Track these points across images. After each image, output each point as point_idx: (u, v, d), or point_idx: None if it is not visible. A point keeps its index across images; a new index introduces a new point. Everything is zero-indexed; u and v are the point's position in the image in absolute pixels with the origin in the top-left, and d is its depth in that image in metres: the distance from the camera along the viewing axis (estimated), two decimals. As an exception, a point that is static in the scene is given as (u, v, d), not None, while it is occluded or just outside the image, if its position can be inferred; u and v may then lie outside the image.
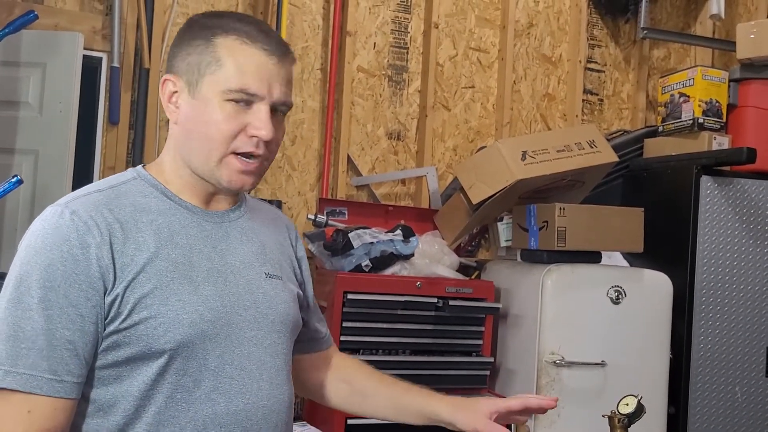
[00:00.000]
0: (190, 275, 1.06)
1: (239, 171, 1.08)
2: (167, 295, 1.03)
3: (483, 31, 2.99)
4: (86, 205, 1.04)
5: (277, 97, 1.09)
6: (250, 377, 1.10)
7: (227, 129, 1.06)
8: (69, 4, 2.48)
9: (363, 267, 2.30)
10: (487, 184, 2.42)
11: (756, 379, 2.57)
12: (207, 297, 1.06)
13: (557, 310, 2.31)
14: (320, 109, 2.75)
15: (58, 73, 2.35)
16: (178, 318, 1.03)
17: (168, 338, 1.02)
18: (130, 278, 1.02)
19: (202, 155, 1.08)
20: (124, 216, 1.05)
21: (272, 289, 1.16)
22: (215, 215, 1.15)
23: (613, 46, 3.20)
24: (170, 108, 1.11)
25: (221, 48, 1.07)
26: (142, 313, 1.01)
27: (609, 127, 3.17)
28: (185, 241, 1.09)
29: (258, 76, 1.07)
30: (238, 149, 1.07)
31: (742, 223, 2.58)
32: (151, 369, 1.02)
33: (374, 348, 2.26)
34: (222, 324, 1.07)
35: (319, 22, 2.76)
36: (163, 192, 1.11)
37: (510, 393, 2.40)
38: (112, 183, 1.11)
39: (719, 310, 2.55)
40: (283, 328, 1.17)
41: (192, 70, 1.08)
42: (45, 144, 2.34)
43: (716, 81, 2.77)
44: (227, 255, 1.13)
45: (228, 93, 1.06)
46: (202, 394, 1.05)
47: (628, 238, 2.44)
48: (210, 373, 1.06)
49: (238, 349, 1.09)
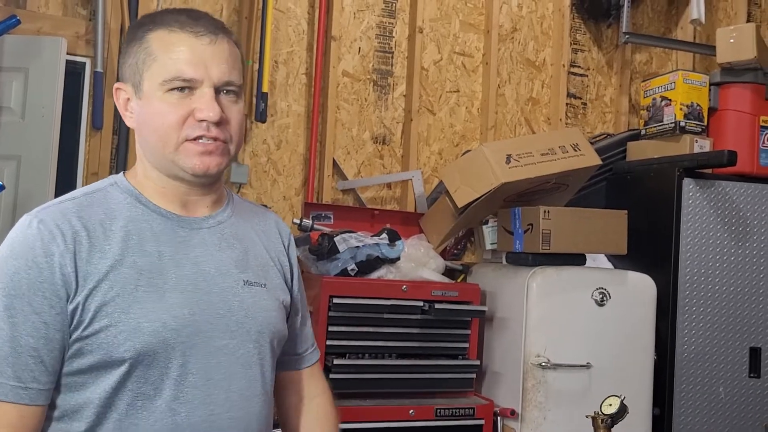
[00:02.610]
0: (157, 283, 1.04)
1: (198, 153, 1.07)
2: (130, 303, 1.01)
3: (467, 36, 3.01)
4: (54, 213, 1.04)
5: (217, 77, 1.07)
6: (217, 388, 1.07)
7: (173, 118, 1.05)
8: (52, 9, 2.47)
9: (349, 271, 2.30)
10: (473, 188, 2.44)
11: (739, 379, 2.60)
12: (173, 305, 1.04)
13: (542, 312, 2.32)
14: (305, 113, 2.75)
15: (40, 78, 2.34)
16: (139, 326, 1.01)
17: (127, 347, 1.00)
18: (92, 286, 1.01)
19: (158, 150, 1.08)
20: (92, 224, 1.05)
21: (251, 297, 1.13)
22: (192, 221, 1.12)
23: (596, 51, 3.23)
24: (126, 115, 1.12)
25: (152, 42, 1.08)
26: (102, 321, 1.00)
27: (592, 130, 3.20)
28: (155, 248, 1.07)
29: (191, 60, 1.06)
30: (189, 135, 1.06)
31: (724, 224, 2.61)
32: (112, 377, 1.01)
33: (360, 352, 2.26)
34: (188, 333, 1.05)
35: (304, 26, 2.76)
36: (137, 198, 1.10)
37: (496, 396, 2.41)
38: (88, 190, 1.11)
39: (702, 311, 2.58)
40: (260, 338, 1.13)
41: (133, 72, 1.09)
42: (27, 149, 2.32)
43: (697, 85, 2.80)
44: (201, 262, 1.10)
45: (166, 83, 1.05)
46: (162, 404, 1.03)
47: (612, 241, 2.46)
48: (172, 382, 1.04)
49: (205, 359, 1.06)
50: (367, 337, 2.26)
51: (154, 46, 1.07)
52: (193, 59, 1.06)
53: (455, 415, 2.27)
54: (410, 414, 2.21)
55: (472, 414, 2.29)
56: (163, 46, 1.06)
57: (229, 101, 1.09)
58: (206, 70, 1.06)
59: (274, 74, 2.68)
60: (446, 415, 2.26)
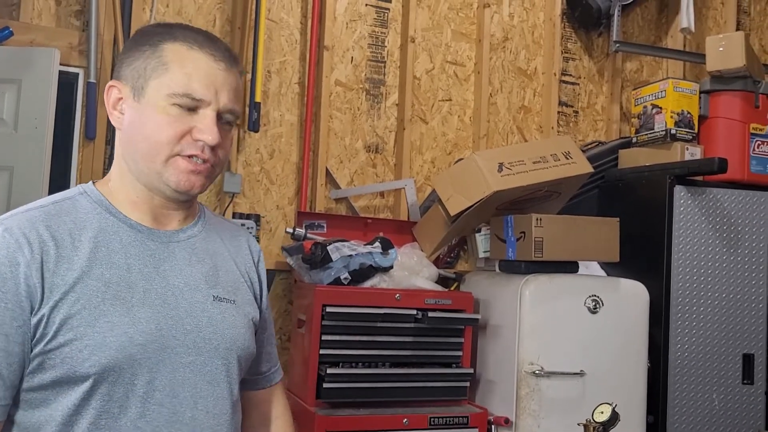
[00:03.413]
0: (124, 296, 1.02)
1: (188, 171, 1.06)
2: (96, 317, 0.98)
3: (459, 45, 3.02)
4: (21, 222, 1.01)
5: (223, 103, 1.07)
6: (183, 405, 1.05)
7: (172, 132, 1.04)
8: (45, 20, 2.47)
9: (342, 280, 2.30)
10: (465, 196, 2.44)
11: (732, 386, 2.60)
12: (140, 319, 1.02)
13: (535, 320, 2.33)
14: (298, 122, 2.76)
15: (33, 88, 2.34)
16: (105, 341, 0.98)
17: (93, 362, 0.97)
18: (58, 298, 0.98)
19: (147, 158, 1.05)
20: (61, 233, 1.02)
21: (220, 313, 1.11)
22: (162, 234, 1.11)
23: (587, 59, 3.25)
24: (114, 114, 1.10)
25: (168, 52, 1.06)
26: (67, 335, 0.97)
27: (584, 138, 3.21)
28: (123, 260, 1.04)
29: (205, 81, 1.06)
30: (183, 151, 1.05)
31: (715, 231, 2.63)
32: (76, 393, 0.98)
33: (354, 361, 2.25)
34: (155, 348, 1.02)
35: (296, 36, 2.77)
36: (107, 209, 1.08)
37: (490, 404, 2.40)
38: (56, 199, 1.08)
39: (695, 317, 2.59)
40: (228, 355, 1.11)
41: (138, 74, 1.07)
42: (20, 160, 2.32)
43: (687, 93, 2.82)
44: (170, 276, 1.08)
45: (173, 97, 1.04)
46: (127, 422, 1.00)
47: (604, 248, 2.47)
48: (137, 400, 1.01)
49: (171, 375, 1.04)
50: (361, 346, 2.26)
51: (169, 57, 1.06)
52: (206, 80, 1.06)
53: (449, 423, 2.27)
54: (404, 423, 2.21)
55: (466, 422, 2.29)
56: (179, 60, 1.06)
57: (225, 128, 1.10)
58: (216, 93, 1.06)
59: (267, 84, 2.69)
60: (440, 423, 2.26)
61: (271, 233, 2.70)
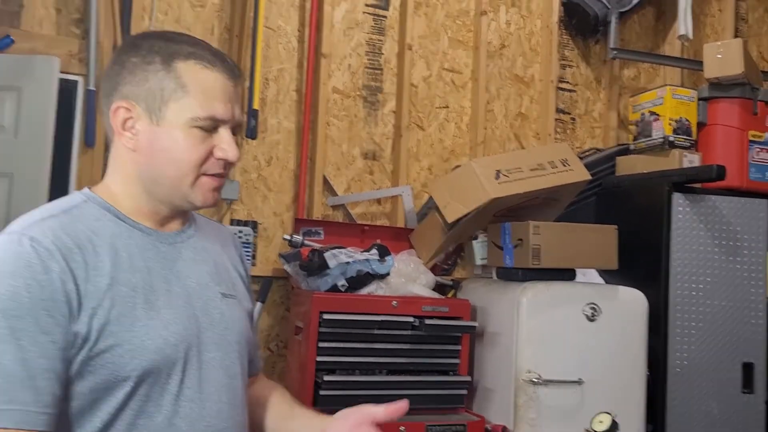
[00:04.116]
0: (151, 299, 1.05)
1: (212, 188, 1.10)
2: (131, 321, 1.01)
3: (456, 53, 3.03)
4: (44, 231, 1.00)
5: (237, 118, 1.11)
6: (210, 400, 1.08)
7: (197, 155, 1.07)
8: (45, 28, 2.49)
9: (339, 287, 2.30)
10: (462, 203, 2.44)
11: (732, 395, 2.59)
12: (169, 321, 1.05)
13: (533, 327, 2.32)
14: (296, 130, 2.76)
15: (33, 96, 2.35)
16: (143, 344, 1.01)
17: (134, 365, 1.00)
18: (94, 305, 0.99)
19: (173, 181, 1.08)
20: (81, 241, 1.02)
21: (228, 309, 1.16)
22: (168, 236, 1.13)
23: (584, 66, 3.25)
24: (126, 135, 1.08)
25: (183, 73, 1.07)
26: (107, 341, 0.99)
27: (581, 145, 3.21)
28: (143, 264, 1.07)
29: (222, 100, 1.08)
30: (208, 171, 1.09)
31: (714, 239, 2.62)
32: (116, 397, 1.00)
33: (350, 368, 2.25)
34: (184, 347, 1.06)
35: (294, 44, 2.78)
36: (116, 215, 1.09)
37: (488, 412, 2.39)
38: (63, 207, 1.08)
39: (694, 325, 2.57)
40: (240, 348, 1.16)
41: (153, 96, 1.06)
42: (20, 167, 2.33)
43: (685, 100, 2.82)
44: (183, 276, 1.11)
45: (196, 120, 1.06)
46: (163, 420, 1.03)
47: (602, 255, 2.46)
48: (171, 398, 1.04)
49: (197, 372, 1.08)
50: (357, 353, 2.26)
51: (187, 78, 1.06)
52: (224, 99, 1.08)
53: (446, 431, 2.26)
54: (401, 430, 2.20)
55: (463, 431, 2.28)
56: (198, 82, 1.06)
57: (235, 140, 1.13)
58: (231, 111, 1.09)
59: (264, 91, 2.70)
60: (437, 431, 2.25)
61: (269, 240, 2.70)
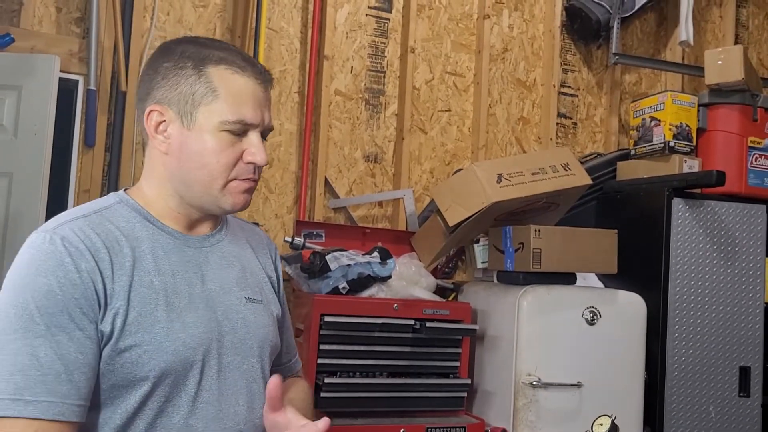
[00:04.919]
0: (173, 302, 1.07)
1: (242, 192, 1.12)
2: (152, 323, 1.03)
3: (459, 56, 3.03)
4: (74, 230, 1.03)
5: (267, 122, 1.13)
6: (227, 402, 1.10)
7: (226, 159, 1.09)
8: (46, 27, 2.48)
9: (340, 289, 2.30)
10: (464, 207, 2.44)
11: (729, 399, 2.60)
12: (189, 324, 1.07)
13: (533, 331, 2.32)
14: (297, 132, 2.76)
15: (33, 95, 2.34)
16: (162, 346, 1.03)
17: (152, 366, 1.02)
18: (118, 305, 1.01)
19: (204, 185, 1.10)
20: (110, 241, 1.05)
21: (252, 314, 1.17)
22: (195, 240, 1.15)
23: (586, 71, 3.26)
24: (158, 138, 1.11)
25: (215, 78, 1.09)
26: (127, 341, 1.01)
27: (583, 150, 3.22)
28: (168, 267, 1.09)
29: (253, 105, 1.10)
30: (239, 176, 1.10)
31: (713, 244, 2.63)
32: (135, 396, 1.02)
33: (351, 371, 2.25)
34: (203, 351, 1.08)
35: (296, 46, 2.78)
36: (145, 217, 1.11)
37: (487, 415, 2.40)
38: (95, 208, 1.11)
39: (692, 330, 2.59)
40: (261, 353, 1.17)
41: (185, 100, 1.09)
42: (19, 167, 2.32)
43: (686, 105, 2.83)
44: (208, 281, 1.13)
45: (225, 124, 1.08)
46: (180, 420, 1.05)
47: (602, 260, 2.47)
48: (188, 399, 1.06)
49: (215, 375, 1.09)
50: (358, 356, 2.25)
51: (218, 83, 1.08)
52: (254, 104, 1.10)
53: (446, 434, 2.27)
54: (401, 433, 2.21)
55: (463, 433, 2.28)
56: (227, 86, 1.08)
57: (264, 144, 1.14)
58: (261, 115, 1.11)
59: (266, 93, 2.69)
60: (437, 434, 2.26)
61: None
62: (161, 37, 2.60)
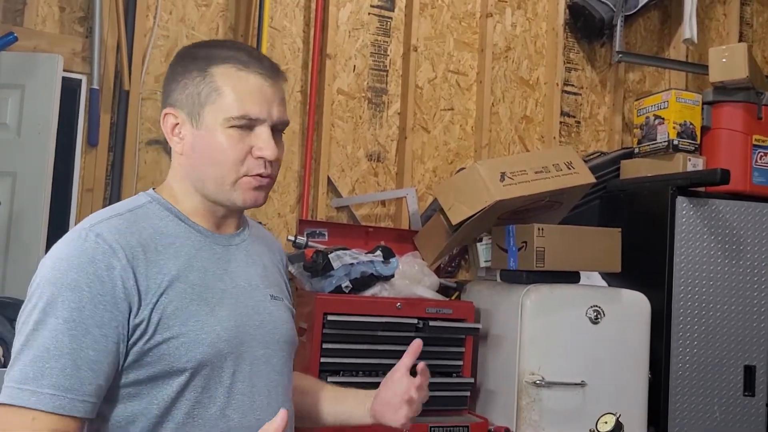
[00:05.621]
0: (206, 297, 1.10)
1: (253, 188, 1.13)
2: (187, 317, 1.07)
3: (461, 55, 3.03)
4: (110, 228, 1.07)
5: (276, 117, 1.14)
6: (260, 394, 1.14)
7: (234, 155, 1.11)
8: (49, 26, 2.48)
9: (343, 288, 2.30)
10: (467, 205, 2.44)
11: (734, 398, 2.59)
12: (222, 318, 1.11)
13: (537, 330, 2.32)
14: (300, 130, 2.76)
15: (36, 94, 2.35)
16: (198, 338, 1.07)
17: (189, 357, 1.05)
18: (155, 300, 1.05)
19: (216, 182, 1.13)
20: (145, 239, 1.09)
21: (277, 310, 1.21)
22: (222, 238, 1.19)
23: (590, 70, 3.25)
24: (174, 140, 1.15)
25: (218, 77, 1.12)
26: (164, 334, 1.05)
27: (586, 148, 3.21)
28: (200, 263, 1.13)
29: (257, 100, 1.11)
30: (249, 172, 1.12)
31: (717, 242, 2.62)
32: (172, 387, 1.06)
33: (354, 369, 2.25)
34: (235, 343, 1.11)
35: (299, 45, 2.78)
36: (177, 215, 1.15)
37: (491, 414, 2.40)
38: (129, 207, 1.14)
39: (696, 329, 2.58)
40: (286, 347, 1.22)
41: (192, 101, 1.12)
42: (23, 166, 2.33)
43: (690, 104, 2.82)
44: (236, 277, 1.17)
45: (230, 120, 1.10)
46: (217, 410, 1.09)
47: (605, 258, 2.47)
48: (224, 390, 1.10)
49: (248, 368, 1.13)
50: (361, 355, 2.25)
51: (220, 81, 1.11)
52: (259, 99, 1.11)
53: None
54: None
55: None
56: (231, 83, 1.11)
57: (278, 139, 1.15)
58: (269, 109, 1.12)
59: (269, 92, 2.69)
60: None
61: (273, 241, 2.70)
62: (164, 36, 2.60)
